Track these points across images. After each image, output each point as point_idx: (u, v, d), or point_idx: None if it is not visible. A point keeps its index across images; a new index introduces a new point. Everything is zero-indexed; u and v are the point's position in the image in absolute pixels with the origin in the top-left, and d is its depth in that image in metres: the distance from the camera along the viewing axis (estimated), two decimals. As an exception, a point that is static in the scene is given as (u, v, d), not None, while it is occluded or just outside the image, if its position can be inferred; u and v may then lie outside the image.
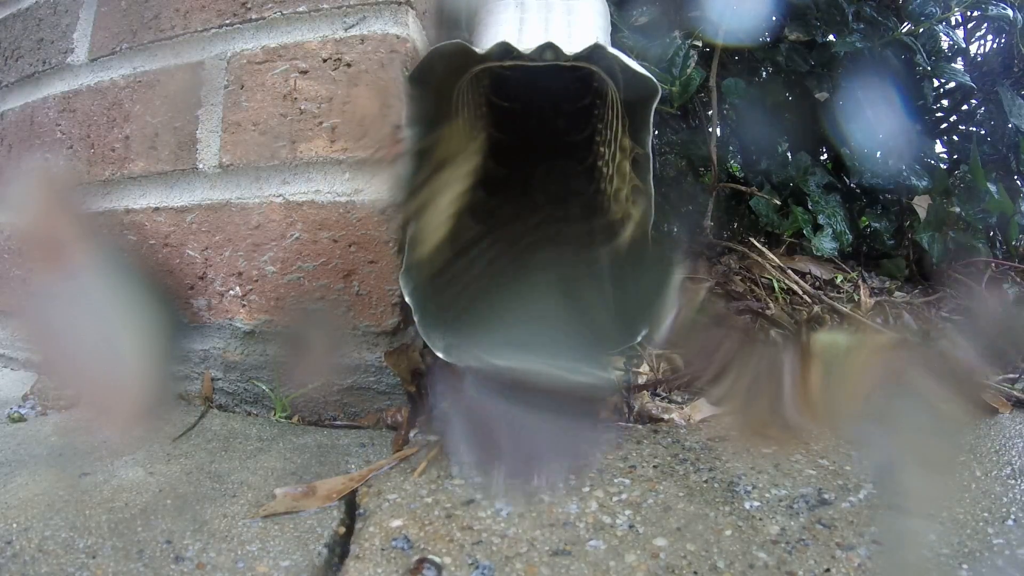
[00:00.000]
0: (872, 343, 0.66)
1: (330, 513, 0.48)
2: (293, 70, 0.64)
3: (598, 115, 0.77)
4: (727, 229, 1.12)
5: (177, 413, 0.66)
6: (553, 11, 0.65)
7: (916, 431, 0.59)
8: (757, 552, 0.42)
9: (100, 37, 0.74)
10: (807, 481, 0.51)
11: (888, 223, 1.11)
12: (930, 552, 0.42)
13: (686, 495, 0.49)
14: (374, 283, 0.63)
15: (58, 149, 0.75)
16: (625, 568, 0.41)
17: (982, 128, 1.19)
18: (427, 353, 0.64)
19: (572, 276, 0.69)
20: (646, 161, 0.57)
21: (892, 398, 0.61)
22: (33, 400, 0.71)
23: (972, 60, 1.20)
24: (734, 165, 1.18)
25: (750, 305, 0.92)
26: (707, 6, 0.93)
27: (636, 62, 0.53)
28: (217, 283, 0.67)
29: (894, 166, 1.06)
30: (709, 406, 0.67)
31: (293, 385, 0.66)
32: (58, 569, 0.40)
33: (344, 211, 0.63)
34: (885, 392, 0.61)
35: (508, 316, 0.64)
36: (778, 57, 1.04)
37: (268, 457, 0.57)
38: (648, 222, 0.58)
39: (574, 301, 0.66)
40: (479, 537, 0.44)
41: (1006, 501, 0.48)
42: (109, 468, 0.54)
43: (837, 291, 1.02)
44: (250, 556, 0.42)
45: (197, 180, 0.68)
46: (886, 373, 0.62)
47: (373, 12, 0.63)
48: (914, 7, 0.99)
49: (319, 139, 0.63)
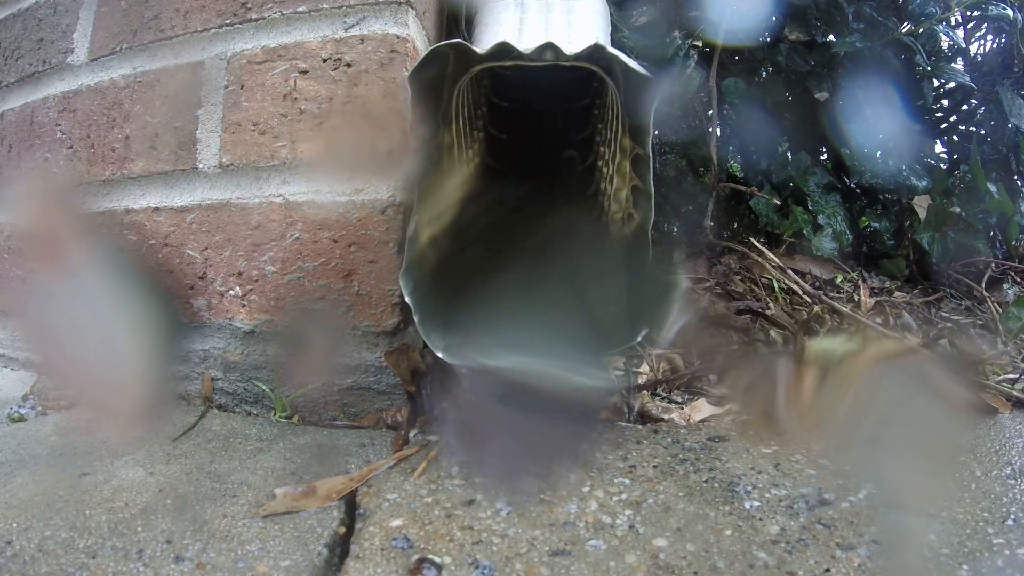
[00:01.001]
0: (868, 352, 0.66)
1: (330, 513, 0.48)
2: (293, 70, 0.64)
3: (598, 115, 0.77)
4: (727, 229, 1.13)
5: (177, 413, 0.66)
6: (553, 11, 0.65)
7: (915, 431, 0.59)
8: (757, 552, 0.42)
9: (100, 37, 0.74)
10: (807, 481, 0.51)
11: (888, 223, 1.12)
12: (930, 552, 0.42)
13: (686, 495, 0.49)
14: (374, 283, 0.63)
15: (58, 149, 0.75)
16: (625, 568, 0.41)
17: (982, 128, 1.19)
18: (427, 353, 0.64)
19: (572, 276, 0.69)
20: (646, 161, 0.57)
21: (889, 402, 0.61)
22: (33, 400, 0.71)
23: (972, 60, 1.20)
24: (734, 165, 1.18)
25: (750, 305, 0.92)
26: (707, 6, 0.93)
27: (636, 62, 0.53)
28: (217, 283, 0.67)
29: (894, 166, 1.07)
30: (709, 406, 0.67)
31: (293, 385, 0.66)
32: (58, 569, 0.40)
33: (344, 211, 0.63)
34: (881, 397, 0.61)
35: (508, 316, 0.64)
36: (778, 57, 1.04)
37: (268, 457, 0.57)
38: (648, 222, 0.58)
39: (574, 302, 0.66)
40: (479, 537, 0.44)
41: (1006, 501, 0.48)
42: (109, 468, 0.54)
43: (837, 291, 1.02)
44: (250, 556, 0.42)
45: (197, 180, 0.68)
46: (882, 381, 0.62)
47: (373, 12, 0.63)
48: (914, 7, 0.99)
49: (319, 139, 0.63)
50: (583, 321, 0.63)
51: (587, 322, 0.63)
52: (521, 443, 0.55)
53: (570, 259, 0.71)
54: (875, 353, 0.65)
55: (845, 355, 0.66)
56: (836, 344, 0.70)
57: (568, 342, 0.60)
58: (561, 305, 0.65)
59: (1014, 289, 1.09)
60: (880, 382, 0.62)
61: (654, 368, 0.77)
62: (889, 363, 0.64)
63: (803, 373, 0.64)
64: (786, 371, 0.65)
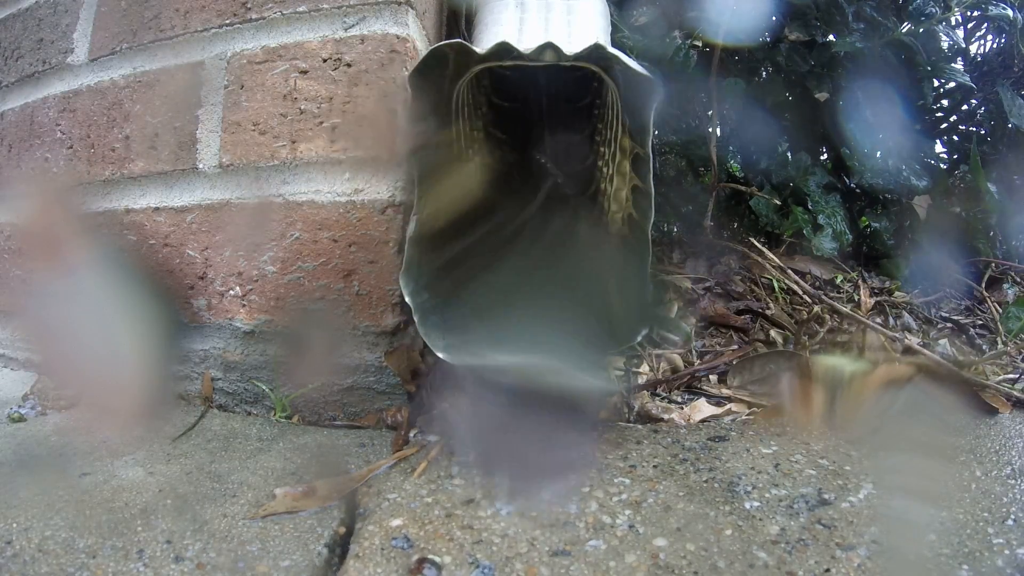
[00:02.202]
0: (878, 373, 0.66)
1: (330, 513, 0.48)
2: (293, 70, 0.64)
3: (598, 115, 0.77)
4: (727, 229, 1.12)
5: (177, 413, 0.66)
6: (553, 11, 0.65)
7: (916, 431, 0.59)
8: (757, 552, 0.42)
9: (100, 37, 0.74)
10: (807, 481, 0.51)
11: (888, 223, 1.12)
12: (930, 552, 0.42)
13: (686, 495, 0.49)
14: (374, 283, 0.63)
15: (58, 149, 0.75)
16: (625, 568, 0.41)
17: (982, 128, 1.19)
18: (427, 353, 0.64)
19: (572, 276, 0.69)
20: (646, 161, 0.57)
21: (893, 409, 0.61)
22: (33, 400, 0.71)
23: (972, 60, 1.20)
24: (734, 165, 1.18)
25: (750, 305, 0.92)
26: (707, 6, 0.93)
27: (636, 62, 0.53)
28: (217, 283, 0.67)
29: (894, 166, 1.06)
30: (709, 406, 0.67)
31: (293, 385, 0.66)
32: (58, 569, 0.40)
33: (344, 211, 0.63)
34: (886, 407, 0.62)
35: (508, 316, 0.64)
36: (778, 57, 1.04)
37: (268, 457, 0.57)
38: (648, 222, 0.58)
39: (574, 302, 0.66)
40: (479, 537, 0.44)
41: (1006, 501, 0.48)
42: (109, 468, 0.54)
43: (837, 291, 1.02)
44: (250, 556, 0.42)
45: (197, 180, 0.68)
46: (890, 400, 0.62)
47: (373, 12, 0.63)
48: (914, 7, 0.99)
49: (319, 139, 0.63)
50: (583, 321, 0.63)
51: (587, 322, 0.63)
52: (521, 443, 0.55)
53: (570, 259, 0.71)
54: (885, 376, 0.65)
55: (853, 375, 0.66)
56: (844, 363, 0.70)
57: (569, 342, 0.60)
58: (561, 305, 0.65)
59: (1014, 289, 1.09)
60: (888, 401, 0.63)
61: (654, 368, 0.77)
62: (898, 387, 0.64)
63: (811, 390, 0.64)
64: (793, 384, 0.66)
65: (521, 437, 0.56)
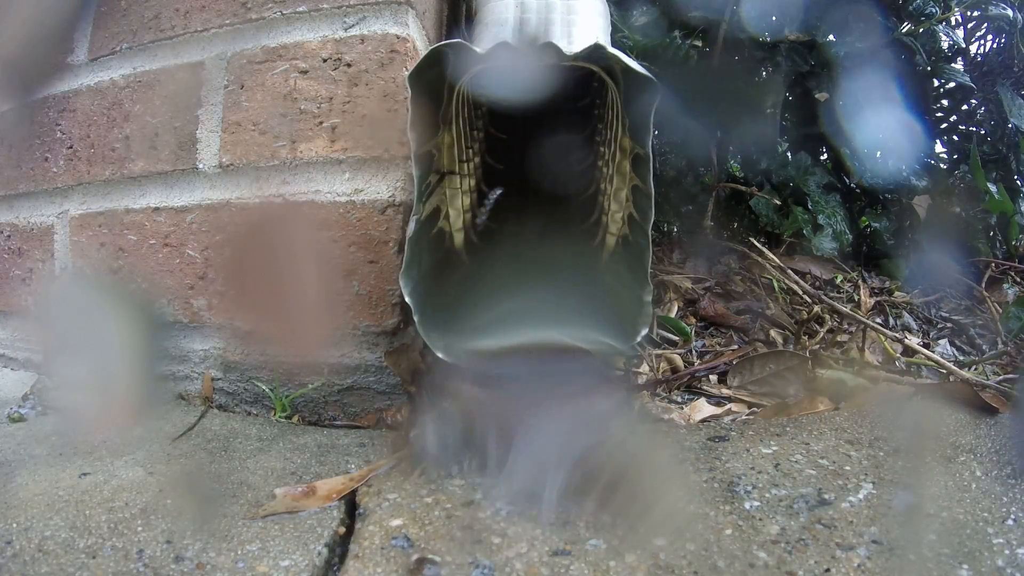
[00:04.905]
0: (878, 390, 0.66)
1: (330, 513, 0.48)
2: (293, 70, 0.64)
3: (598, 115, 0.77)
4: (727, 229, 1.12)
5: (177, 413, 0.66)
6: (553, 11, 0.65)
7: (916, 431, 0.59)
8: (757, 552, 0.42)
9: (100, 37, 0.74)
10: (807, 481, 0.51)
11: (888, 223, 1.12)
12: (930, 552, 0.42)
13: (686, 495, 0.49)
14: (374, 283, 0.63)
15: (58, 149, 0.75)
16: (625, 568, 0.41)
17: (982, 128, 1.19)
18: (427, 353, 0.64)
19: (572, 275, 0.69)
20: (646, 161, 0.57)
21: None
22: (33, 400, 0.71)
23: (972, 60, 1.20)
24: (734, 165, 1.18)
25: (750, 305, 0.92)
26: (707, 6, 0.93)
27: (636, 62, 0.53)
28: (217, 283, 0.67)
29: (894, 166, 1.07)
30: (709, 406, 0.67)
31: (293, 385, 0.66)
32: (58, 569, 0.40)
33: (344, 211, 0.63)
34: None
35: (508, 316, 0.64)
36: (778, 57, 1.04)
37: (268, 457, 0.57)
38: (648, 222, 0.58)
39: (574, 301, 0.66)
40: (479, 536, 0.44)
41: (1006, 501, 0.48)
42: (109, 468, 0.54)
43: (837, 291, 1.02)
44: (250, 556, 0.42)
45: (197, 180, 0.68)
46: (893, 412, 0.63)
47: (373, 12, 0.63)
48: (914, 7, 0.99)
49: (319, 139, 0.63)
50: (584, 321, 0.63)
51: (588, 322, 0.63)
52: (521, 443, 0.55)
53: (570, 259, 0.71)
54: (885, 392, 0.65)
55: (855, 389, 0.66)
56: (847, 377, 0.70)
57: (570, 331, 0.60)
58: (561, 305, 0.65)
59: (1014, 289, 1.09)
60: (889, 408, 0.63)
61: (654, 368, 0.77)
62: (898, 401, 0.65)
63: (814, 401, 0.64)
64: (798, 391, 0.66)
65: (521, 437, 0.56)
